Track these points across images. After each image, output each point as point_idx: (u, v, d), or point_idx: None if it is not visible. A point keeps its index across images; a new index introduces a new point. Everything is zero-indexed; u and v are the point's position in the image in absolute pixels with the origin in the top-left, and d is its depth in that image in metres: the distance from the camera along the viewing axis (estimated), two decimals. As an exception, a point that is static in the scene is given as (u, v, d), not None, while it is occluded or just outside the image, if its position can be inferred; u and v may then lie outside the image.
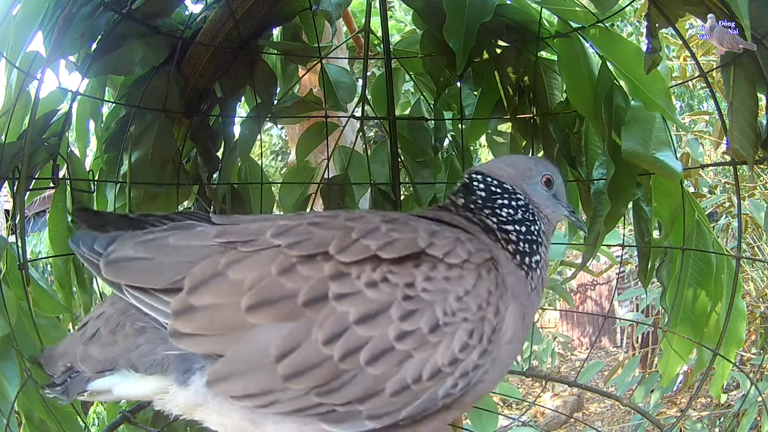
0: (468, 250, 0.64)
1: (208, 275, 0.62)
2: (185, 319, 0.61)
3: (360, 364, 0.58)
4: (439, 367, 0.60)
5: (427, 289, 0.61)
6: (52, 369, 0.74)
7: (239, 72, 1.28)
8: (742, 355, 3.03)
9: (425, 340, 0.59)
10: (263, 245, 0.63)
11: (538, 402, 4.15)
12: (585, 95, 1.11)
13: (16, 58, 0.92)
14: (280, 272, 0.60)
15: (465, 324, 0.61)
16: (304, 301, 0.59)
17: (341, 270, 0.60)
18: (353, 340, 0.58)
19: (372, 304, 0.59)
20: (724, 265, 1.10)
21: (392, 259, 0.61)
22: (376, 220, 0.65)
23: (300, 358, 0.58)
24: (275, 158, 6.17)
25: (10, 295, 0.98)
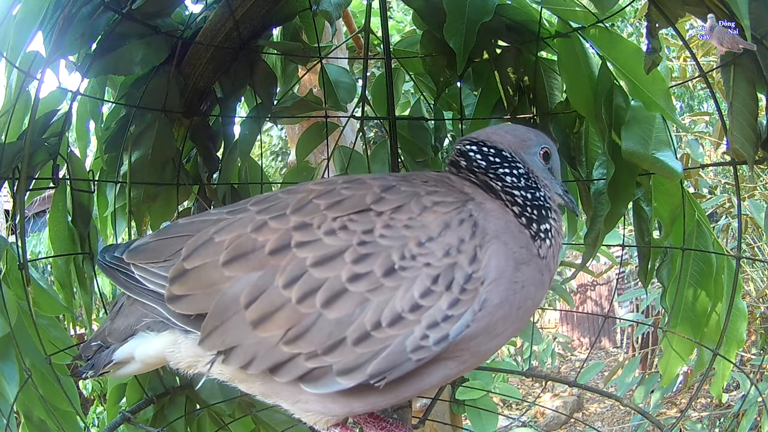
0: (423, 204, 0.65)
1: (199, 243, 0.70)
2: (179, 283, 0.68)
3: (317, 306, 0.61)
4: (398, 313, 0.60)
5: (384, 235, 0.63)
6: (86, 353, 0.82)
7: (239, 72, 1.28)
8: (743, 355, 3.03)
9: (379, 284, 0.61)
10: (243, 211, 0.71)
11: (538, 402, 4.15)
12: (585, 95, 1.11)
13: (16, 58, 0.92)
14: (253, 230, 0.67)
15: (427, 269, 0.61)
16: (270, 250, 0.64)
17: (304, 221, 0.65)
18: (309, 282, 0.62)
19: (328, 249, 0.63)
20: (724, 265, 1.10)
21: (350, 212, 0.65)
22: (339, 181, 0.71)
23: (264, 303, 0.62)
24: (275, 158, 6.17)
25: (10, 295, 0.98)
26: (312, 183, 0.74)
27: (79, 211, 1.15)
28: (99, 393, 3.84)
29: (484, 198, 0.71)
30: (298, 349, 0.62)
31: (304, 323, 0.61)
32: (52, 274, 1.20)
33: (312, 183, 0.74)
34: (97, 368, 0.79)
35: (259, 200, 0.73)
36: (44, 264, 2.45)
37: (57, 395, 1.03)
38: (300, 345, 0.61)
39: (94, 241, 1.18)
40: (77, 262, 1.16)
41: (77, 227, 1.14)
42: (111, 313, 0.82)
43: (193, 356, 0.72)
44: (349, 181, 0.71)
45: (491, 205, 0.70)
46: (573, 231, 1.33)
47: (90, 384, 3.86)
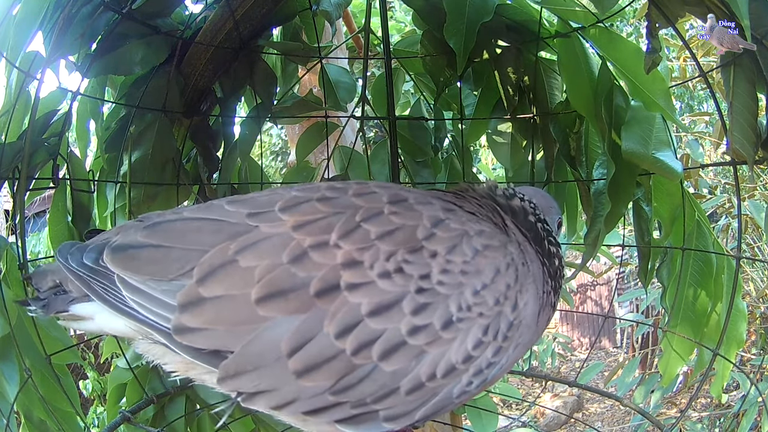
0: (474, 246, 0.61)
1: (217, 264, 0.58)
2: (193, 313, 0.57)
3: (373, 359, 0.56)
4: (453, 364, 0.58)
5: (442, 282, 0.58)
6: (39, 283, 0.70)
7: (239, 72, 1.28)
8: (743, 355, 3.03)
9: (438, 336, 0.57)
10: (272, 220, 0.60)
11: (538, 402, 4.15)
12: (585, 95, 1.11)
13: (16, 58, 0.92)
14: (291, 260, 0.57)
15: (480, 320, 0.59)
16: (316, 291, 0.56)
17: (354, 258, 0.57)
18: (366, 333, 0.55)
19: (385, 296, 0.56)
20: (724, 265, 1.10)
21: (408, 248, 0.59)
22: (383, 199, 0.63)
23: (312, 352, 0.55)
24: (275, 158, 6.17)
25: (10, 295, 0.98)
26: (351, 192, 0.64)
27: (79, 211, 1.15)
28: (99, 393, 3.84)
29: (522, 239, 0.71)
30: (346, 399, 0.57)
31: (356, 374, 0.56)
32: (52, 274, 1.20)
33: (351, 192, 0.64)
34: (50, 311, 0.67)
35: (288, 204, 0.62)
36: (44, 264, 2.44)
37: (57, 395, 1.03)
38: (349, 395, 0.57)
39: (94, 241, 1.18)
40: (77, 262, 1.16)
41: (77, 227, 1.14)
42: (93, 239, 0.68)
43: (186, 367, 0.63)
44: (394, 201, 0.63)
45: (530, 248, 0.70)
46: (573, 231, 1.33)
47: (90, 384, 3.86)
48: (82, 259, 0.63)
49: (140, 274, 0.60)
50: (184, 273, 0.59)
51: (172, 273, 0.59)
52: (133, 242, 0.62)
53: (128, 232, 0.64)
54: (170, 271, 0.59)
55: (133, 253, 0.61)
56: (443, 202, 0.67)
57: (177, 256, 0.60)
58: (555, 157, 1.23)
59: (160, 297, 0.59)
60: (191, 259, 0.59)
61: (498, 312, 0.60)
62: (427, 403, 0.59)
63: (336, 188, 0.64)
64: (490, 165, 3.92)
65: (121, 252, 0.62)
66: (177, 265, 0.59)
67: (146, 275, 0.60)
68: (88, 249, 0.64)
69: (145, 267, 0.60)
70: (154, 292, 0.59)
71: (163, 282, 0.59)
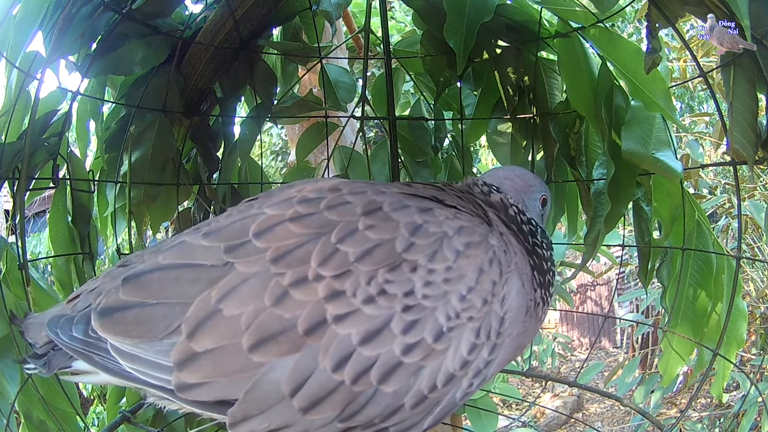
0: (455, 247, 0.61)
1: (203, 316, 0.57)
2: (191, 369, 0.57)
3: (373, 384, 0.56)
4: (451, 373, 0.59)
5: (427, 295, 0.58)
6: (33, 337, 0.68)
7: (239, 72, 1.28)
8: (743, 355, 3.03)
9: (431, 349, 0.58)
10: (248, 254, 0.59)
11: (538, 402, 4.15)
12: (585, 95, 1.11)
13: (16, 58, 0.92)
14: (274, 302, 0.57)
15: (471, 323, 0.59)
16: (304, 330, 0.56)
17: (336, 288, 0.57)
18: (360, 362, 0.56)
19: (372, 322, 0.57)
20: (724, 265, 1.10)
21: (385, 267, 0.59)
22: (357, 210, 0.62)
23: (313, 388, 0.56)
24: (275, 158, 6.17)
25: (10, 295, 0.98)
26: (324, 204, 0.62)
27: (79, 211, 1.15)
28: (99, 393, 3.84)
29: (506, 230, 0.71)
30: (355, 423, 0.58)
31: (359, 401, 0.57)
32: (52, 274, 1.21)
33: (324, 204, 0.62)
34: (52, 368, 0.66)
35: (262, 228, 0.61)
36: (44, 264, 2.45)
37: (57, 395, 1.03)
38: (357, 419, 0.58)
39: (94, 241, 1.18)
40: (77, 262, 1.16)
41: (77, 227, 1.14)
42: (73, 306, 0.67)
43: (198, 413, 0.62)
44: (368, 211, 0.62)
45: (514, 240, 0.70)
46: (573, 231, 1.33)
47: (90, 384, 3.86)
48: (72, 332, 0.62)
49: (130, 337, 0.59)
50: (172, 331, 0.58)
51: (160, 332, 0.58)
52: (117, 304, 0.61)
53: (110, 288, 0.63)
54: (159, 331, 0.58)
55: (119, 316, 0.60)
56: (419, 201, 0.66)
57: (162, 313, 0.59)
58: (555, 157, 1.23)
59: (154, 359, 0.58)
60: (177, 315, 0.58)
61: (487, 312, 0.61)
62: (432, 411, 0.60)
63: (308, 200, 0.63)
64: (490, 165, 3.92)
65: (107, 317, 0.60)
66: (164, 323, 0.58)
67: (136, 338, 0.59)
68: (75, 320, 0.63)
69: (133, 330, 0.59)
70: (147, 354, 0.59)
71: (155, 342, 0.59)
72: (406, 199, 0.65)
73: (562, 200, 1.29)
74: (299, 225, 0.61)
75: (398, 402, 0.57)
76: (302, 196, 0.64)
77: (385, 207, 0.63)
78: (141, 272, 0.62)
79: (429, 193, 0.69)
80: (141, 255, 0.68)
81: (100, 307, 0.61)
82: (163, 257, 0.62)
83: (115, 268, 0.70)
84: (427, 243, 0.60)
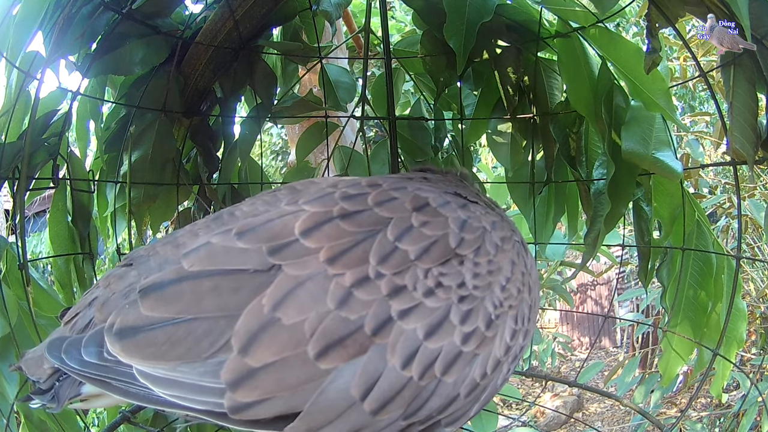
0: (494, 242, 0.63)
1: (256, 327, 0.52)
2: (248, 387, 0.51)
3: (437, 376, 0.56)
4: (498, 359, 0.60)
5: (477, 286, 0.59)
6: (36, 374, 0.61)
7: (239, 72, 1.28)
8: (743, 355, 3.03)
9: (484, 337, 0.59)
10: (298, 255, 0.55)
11: (538, 402, 4.16)
12: (585, 95, 1.11)
13: (16, 58, 0.92)
14: (338, 305, 0.54)
15: (511, 311, 0.62)
16: (372, 330, 0.54)
17: (397, 284, 0.56)
18: (426, 355, 0.55)
19: (434, 315, 0.56)
20: (724, 265, 1.10)
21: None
22: (407, 206, 0.61)
23: (383, 389, 0.54)
24: (275, 158, 6.17)
25: (10, 295, 0.98)
26: (371, 201, 0.61)
27: (79, 211, 1.15)
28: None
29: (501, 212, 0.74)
30: (416, 419, 0.57)
31: (423, 395, 0.56)
32: (52, 274, 1.21)
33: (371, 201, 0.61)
34: (62, 401, 0.59)
35: (308, 226, 0.57)
36: (44, 264, 2.45)
37: (57, 395, 1.02)
38: (419, 415, 0.57)
39: (94, 241, 1.19)
40: (77, 262, 1.16)
41: (77, 227, 1.14)
42: (72, 327, 0.62)
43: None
44: (418, 207, 0.61)
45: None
46: (573, 231, 1.33)
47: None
48: (82, 357, 0.55)
49: (165, 360, 0.52)
50: (219, 348, 0.52)
51: (204, 351, 0.52)
52: (140, 322, 0.53)
53: (120, 300, 0.56)
54: (202, 350, 0.52)
55: (146, 337, 0.52)
56: (454, 197, 0.67)
57: (204, 329, 0.52)
58: (555, 157, 1.23)
59: (199, 382, 0.52)
60: (222, 330, 0.52)
61: (521, 300, 0.63)
62: (479, 398, 0.61)
63: (353, 197, 0.61)
64: (490, 165, 3.92)
65: (129, 338, 0.52)
66: (207, 340, 0.52)
67: (174, 361, 0.52)
68: (84, 343, 0.55)
69: (169, 352, 0.52)
70: (190, 378, 0.52)
71: (197, 363, 0.52)
72: (442, 192, 0.66)
73: (562, 200, 1.29)
74: (351, 223, 0.58)
75: (456, 392, 0.58)
76: (343, 192, 0.62)
77: (431, 202, 0.63)
78: (165, 282, 0.55)
79: (453, 189, 0.70)
80: (148, 252, 0.64)
81: (117, 327, 0.53)
82: (190, 263, 0.56)
83: (117, 269, 0.65)
84: (474, 238, 0.61)
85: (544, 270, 2.69)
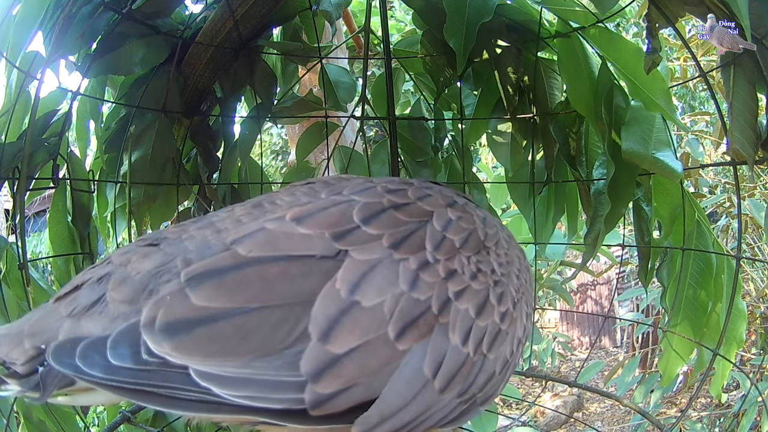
0: (505, 238, 0.71)
1: (335, 312, 0.49)
2: (331, 376, 0.48)
3: (484, 352, 0.59)
4: (520, 338, 0.66)
5: (503, 273, 0.65)
6: (11, 355, 0.48)
7: (239, 72, 1.28)
8: (742, 355, 3.03)
9: (513, 317, 0.64)
10: (363, 241, 0.55)
11: (538, 402, 4.16)
12: (585, 95, 1.11)
13: (16, 58, 0.93)
14: (410, 286, 0.54)
15: (525, 296, 0.69)
16: (438, 309, 0.55)
17: (450, 268, 0.59)
18: (477, 332, 0.59)
19: (480, 296, 0.61)
20: (724, 265, 1.10)
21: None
22: (441, 202, 0.66)
23: (450, 366, 0.55)
24: (275, 158, 6.17)
25: (10, 295, 0.98)
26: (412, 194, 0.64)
27: (79, 211, 1.15)
28: (99, 393, 3.83)
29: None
30: (467, 396, 0.58)
31: (473, 371, 0.58)
32: (52, 274, 1.21)
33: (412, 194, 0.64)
34: (48, 390, 0.46)
35: (367, 215, 0.57)
36: (44, 264, 2.45)
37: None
38: (470, 391, 0.59)
39: (94, 241, 1.19)
40: (77, 262, 1.16)
41: (77, 227, 1.15)
42: (70, 302, 0.51)
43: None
44: (450, 204, 0.66)
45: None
46: (573, 231, 1.33)
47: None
48: (108, 362, 0.44)
49: (236, 356, 0.46)
50: (297, 337, 0.48)
51: (280, 342, 0.47)
52: (195, 314, 0.46)
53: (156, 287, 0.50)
54: (277, 340, 0.47)
55: (207, 331, 0.45)
56: (464, 199, 0.73)
57: (278, 318, 0.48)
58: (555, 157, 1.23)
59: (276, 378, 0.47)
60: (298, 317, 0.48)
61: (527, 288, 0.71)
62: (505, 376, 0.65)
63: (395, 191, 0.63)
64: (490, 165, 3.92)
65: (184, 333, 0.45)
66: (284, 329, 0.47)
67: (245, 356, 0.46)
68: (110, 343, 0.45)
69: (239, 346, 0.46)
70: (265, 374, 0.46)
71: (274, 356, 0.47)
72: (457, 196, 0.72)
73: (562, 200, 1.29)
74: (403, 213, 0.60)
75: (494, 368, 0.61)
76: (384, 186, 0.64)
77: (457, 200, 0.69)
78: (221, 269, 0.49)
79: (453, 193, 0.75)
80: (178, 234, 0.57)
81: (162, 322, 0.45)
82: (247, 248, 0.51)
83: (134, 246, 0.57)
84: (493, 233, 0.68)
85: (544, 270, 2.69)
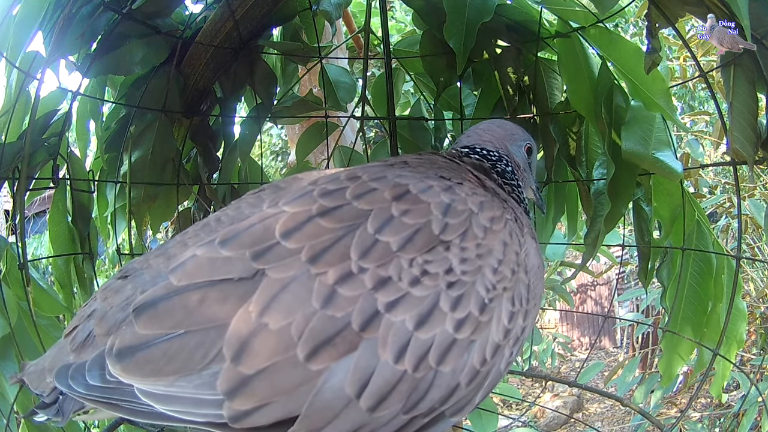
0: (482, 224, 0.62)
1: (246, 334, 0.52)
2: (244, 394, 0.51)
3: (433, 367, 0.55)
4: (497, 343, 0.59)
5: (465, 271, 0.58)
6: (39, 387, 0.62)
7: (239, 72, 1.28)
8: (742, 355, 3.03)
9: (478, 322, 0.58)
10: (280, 257, 0.55)
11: (538, 402, 4.15)
12: (585, 95, 1.11)
13: (16, 58, 0.93)
14: (323, 304, 0.53)
15: (506, 293, 0.61)
16: (359, 325, 0.53)
17: (381, 276, 0.55)
18: (419, 346, 0.54)
19: (423, 304, 0.55)
20: (724, 265, 1.10)
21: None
22: (386, 196, 0.61)
23: (378, 385, 0.53)
24: (275, 158, 6.17)
25: (10, 295, 0.98)
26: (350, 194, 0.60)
27: (79, 211, 1.15)
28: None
29: (500, 190, 0.76)
30: (417, 412, 0.56)
31: (421, 387, 0.55)
32: (52, 275, 1.21)
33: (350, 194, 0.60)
34: (66, 415, 0.60)
35: (289, 227, 0.57)
36: (44, 264, 2.45)
37: (57, 395, 1.02)
38: (420, 407, 0.56)
39: (94, 241, 1.19)
40: (77, 262, 1.16)
41: (77, 227, 1.14)
42: (72, 339, 0.62)
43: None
44: (398, 195, 0.61)
45: (513, 203, 0.75)
46: (573, 231, 1.33)
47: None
48: (86, 381, 0.55)
49: (163, 376, 0.52)
50: (212, 359, 0.52)
51: (197, 364, 0.52)
52: (136, 341, 0.54)
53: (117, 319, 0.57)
54: (195, 363, 0.52)
55: (144, 355, 0.53)
56: (437, 180, 0.66)
57: (195, 342, 0.53)
58: (555, 157, 1.23)
59: (196, 395, 0.52)
60: (213, 340, 0.52)
61: (516, 281, 0.62)
62: (482, 386, 0.60)
63: (331, 192, 0.61)
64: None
65: (128, 359, 0.53)
66: (200, 352, 0.52)
67: (170, 376, 0.52)
68: (87, 367, 0.56)
69: (165, 368, 0.52)
70: (187, 392, 0.52)
71: (193, 376, 0.52)
72: (424, 177, 0.65)
73: (562, 200, 1.29)
74: (330, 219, 0.58)
75: (455, 381, 0.57)
76: (322, 189, 0.61)
77: (412, 189, 0.62)
78: (156, 299, 0.55)
79: (434, 172, 0.69)
80: (142, 265, 0.63)
81: (116, 349, 0.54)
82: (177, 278, 0.56)
83: (113, 281, 0.65)
84: (459, 222, 0.61)
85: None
